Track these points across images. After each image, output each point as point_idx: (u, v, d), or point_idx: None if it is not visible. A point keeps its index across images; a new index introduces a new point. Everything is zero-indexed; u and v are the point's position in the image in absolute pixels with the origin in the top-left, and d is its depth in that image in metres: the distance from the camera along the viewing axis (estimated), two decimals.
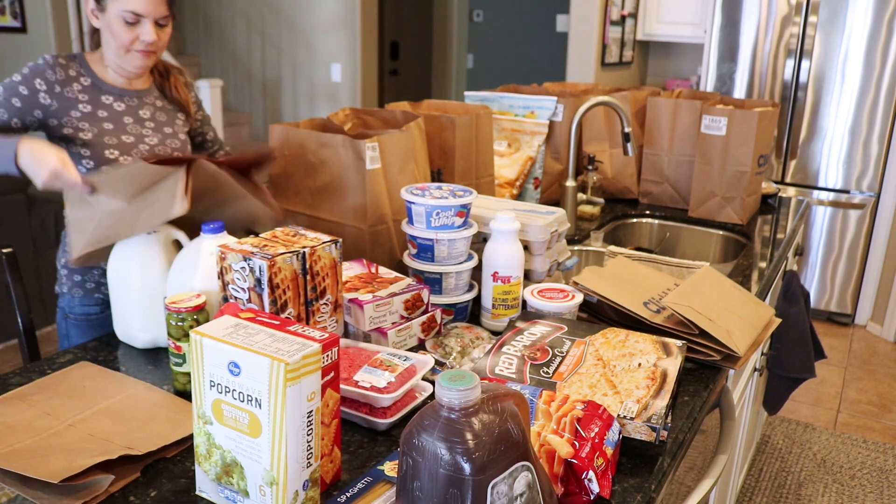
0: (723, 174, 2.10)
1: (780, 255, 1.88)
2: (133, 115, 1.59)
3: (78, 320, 1.61)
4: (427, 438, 0.68)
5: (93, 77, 1.55)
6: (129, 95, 1.59)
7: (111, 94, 1.57)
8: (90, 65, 1.56)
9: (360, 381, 1.02)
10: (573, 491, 0.85)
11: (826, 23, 3.55)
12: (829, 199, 3.74)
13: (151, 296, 1.22)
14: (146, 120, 1.61)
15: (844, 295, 3.81)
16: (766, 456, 2.71)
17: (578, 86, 2.54)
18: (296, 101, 5.36)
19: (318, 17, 5.08)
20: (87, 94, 1.54)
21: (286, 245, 1.07)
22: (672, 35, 4.32)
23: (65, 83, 1.51)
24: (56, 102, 1.50)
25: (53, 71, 1.50)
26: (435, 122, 1.69)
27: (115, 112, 1.56)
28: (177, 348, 1.10)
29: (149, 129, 1.61)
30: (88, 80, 1.55)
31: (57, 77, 1.50)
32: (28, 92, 1.48)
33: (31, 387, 1.10)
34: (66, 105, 1.51)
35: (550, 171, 2.17)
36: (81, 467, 0.87)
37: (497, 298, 1.30)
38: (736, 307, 1.29)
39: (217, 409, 0.82)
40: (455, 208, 1.28)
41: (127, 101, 1.58)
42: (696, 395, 1.13)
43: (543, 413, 0.90)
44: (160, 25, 1.52)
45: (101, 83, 1.56)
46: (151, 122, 1.62)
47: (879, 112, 3.53)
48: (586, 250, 1.97)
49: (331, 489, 0.89)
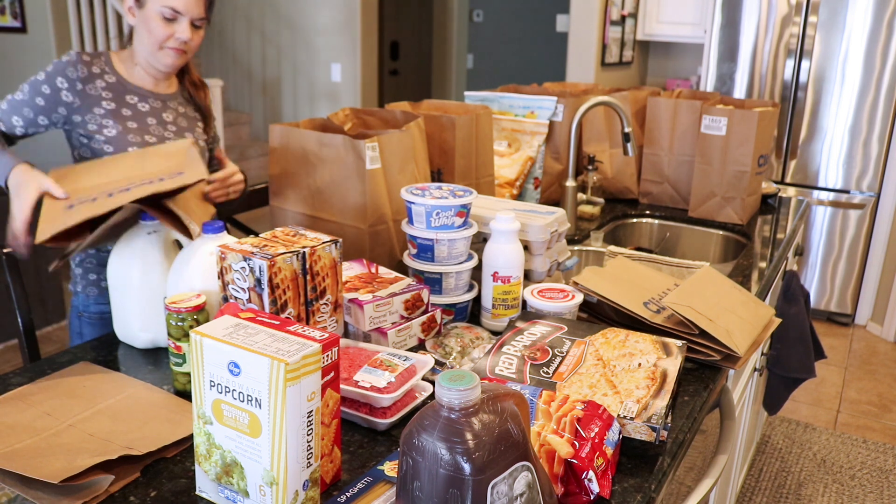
0: (723, 174, 2.10)
1: (780, 255, 1.88)
2: (156, 118, 1.59)
3: (92, 318, 1.62)
4: (427, 438, 0.68)
5: (117, 76, 1.56)
6: (153, 98, 1.60)
7: (136, 94, 1.57)
8: (115, 64, 1.57)
9: (360, 381, 1.02)
10: (573, 491, 0.85)
11: (826, 23, 3.55)
12: (829, 199, 3.74)
13: (151, 296, 1.22)
14: (169, 123, 1.61)
15: (844, 295, 3.81)
16: (766, 456, 2.70)
17: (578, 86, 2.54)
18: (296, 101, 5.37)
19: (318, 17, 5.09)
20: (112, 92, 1.54)
21: (286, 245, 1.07)
22: (672, 35, 4.32)
23: (87, 80, 1.51)
24: (78, 100, 1.50)
25: (76, 68, 1.50)
26: (435, 122, 1.69)
27: (140, 112, 1.57)
28: (177, 348, 1.10)
29: (171, 132, 1.61)
30: (113, 77, 1.55)
31: (79, 74, 1.50)
32: (50, 90, 1.48)
33: (31, 387, 1.10)
34: (90, 102, 1.51)
35: (550, 171, 2.17)
36: (81, 467, 0.87)
37: (497, 298, 1.30)
38: (736, 307, 1.29)
39: (217, 409, 0.82)
40: (455, 208, 1.28)
41: (151, 102, 1.59)
42: (696, 395, 1.13)
43: (543, 413, 0.90)
44: (195, 27, 1.53)
45: (126, 83, 1.56)
46: (174, 126, 1.62)
47: (879, 112, 3.53)
48: (586, 250, 1.97)
49: (331, 489, 0.89)
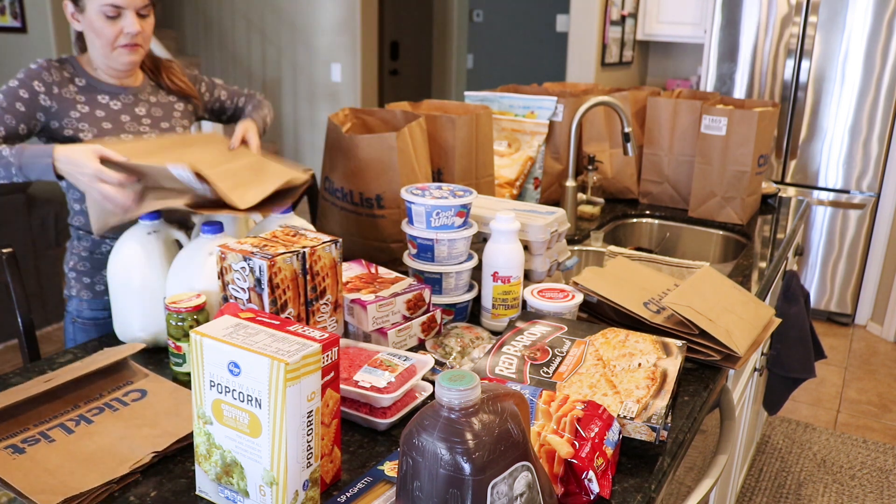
0: (723, 174, 2.10)
1: (780, 255, 1.88)
2: (129, 113, 1.58)
3: (86, 325, 1.60)
4: (427, 438, 0.68)
5: (87, 77, 1.55)
6: (124, 93, 1.58)
7: (107, 92, 1.56)
8: (82, 66, 1.56)
9: (360, 381, 1.02)
10: (573, 491, 0.85)
11: (826, 23, 3.55)
12: (829, 199, 3.74)
13: (151, 296, 1.22)
14: (142, 117, 1.60)
15: (844, 295, 3.81)
16: (766, 456, 2.70)
17: (578, 86, 2.53)
18: (296, 101, 5.36)
19: (318, 17, 5.08)
20: (84, 95, 1.53)
21: (286, 245, 1.07)
22: (672, 35, 4.32)
23: (61, 84, 1.51)
24: (56, 104, 1.49)
25: (49, 73, 1.49)
26: (435, 122, 1.69)
27: (112, 111, 1.56)
28: (177, 348, 1.10)
29: (146, 125, 1.60)
30: (83, 80, 1.54)
31: (53, 78, 1.50)
32: (28, 95, 1.47)
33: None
34: (66, 106, 1.51)
35: (550, 171, 2.17)
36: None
37: (497, 298, 1.30)
38: (736, 307, 1.29)
39: (217, 409, 0.82)
40: (455, 208, 1.28)
41: (123, 98, 1.58)
42: (696, 395, 1.13)
43: (543, 413, 0.90)
44: (142, 16, 1.49)
45: (96, 82, 1.55)
46: (148, 119, 1.61)
47: (879, 112, 3.53)
48: (586, 250, 1.97)
49: (331, 489, 0.89)
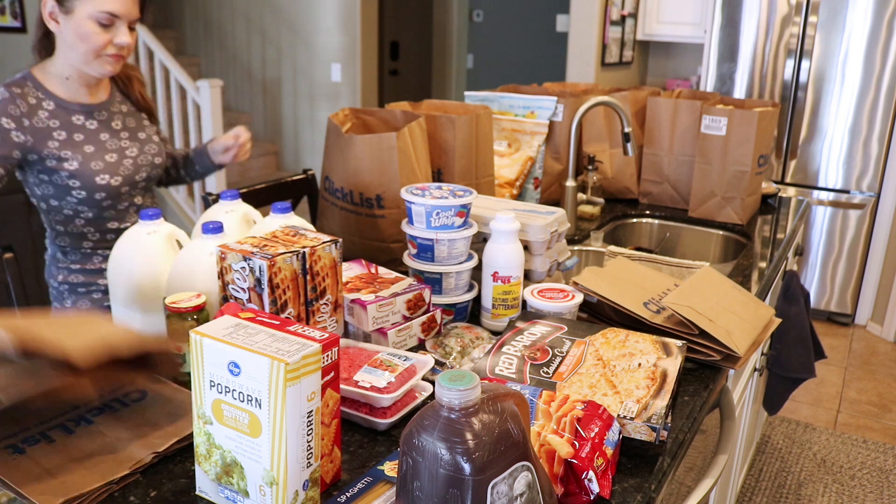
0: (723, 174, 2.10)
1: (780, 255, 1.88)
2: (107, 130, 1.51)
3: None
4: (427, 438, 0.68)
5: (53, 98, 1.45)
6: (97, 109, 1.50)
7: (80, 112, 1.47)
8: (44, 83, 1.45)
9: (360, 381, 1.02)
10: (573, 491, 0.85)
11: (826, 23, 3.55)
12: (829, 199, 3.74)
13: (151, 296, 1.22)
14: (120, 130, 1.54)
15: (844, 295, 3.81)
16: (766, 456, 2.70)
17: (578, 86, 2.53)
18: (296, 101, 5.36)
19: (318, 17, 5.08)
20: (57, 119, 1.44)
21: (286, 245, 1.07)
22: (672, 35, 4.32)
23: (30, 114, 1.40)
24: (30, 136, 1.40)
25: (14, 104, 1.39)
26: (435, 122, 1.69)
27: (90, 131, 1.48)
28: (177, 348, 1.10)
29: (125, 139, 1.54)
30: (51, 103, 1.44)
31: (21, 110, 1.39)
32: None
33: None
34: (41, 137, 1.41)
35: (550, 171, 2.17)
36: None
37: (497, 298, 1.30)
38: (736, 307, 1.29)
39: (217, 409, 0.82)
40: (455, 208, 1.28)
41: (97, 115, 1.50)
42: (696, 395, 1.13)
43: (543, 413, 0.90)
44: (131, 29, 1.45)
45: (65, 103, 1.46)
46: (126, 132, 1.55)
47: (879, 112, 3.53)
48: (586, 250, 1.97)
49: (331, 489, 0.89)
